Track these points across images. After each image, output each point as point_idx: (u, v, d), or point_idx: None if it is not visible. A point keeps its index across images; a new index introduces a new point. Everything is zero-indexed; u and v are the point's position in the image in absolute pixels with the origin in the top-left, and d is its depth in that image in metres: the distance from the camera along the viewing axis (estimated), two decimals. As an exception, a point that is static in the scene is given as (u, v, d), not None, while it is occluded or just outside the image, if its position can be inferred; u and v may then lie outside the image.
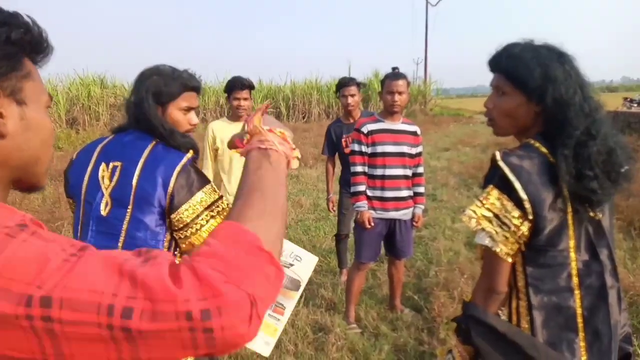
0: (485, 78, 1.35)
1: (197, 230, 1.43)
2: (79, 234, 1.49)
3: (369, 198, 2.99)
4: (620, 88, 64.09)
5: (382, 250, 3.24)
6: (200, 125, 17.47)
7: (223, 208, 1.49)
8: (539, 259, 1.18)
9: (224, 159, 3.17)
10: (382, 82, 3.00)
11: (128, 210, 1.41)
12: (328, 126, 3.88)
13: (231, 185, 3.17)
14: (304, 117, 20.36)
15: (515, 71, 1.21)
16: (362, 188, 2.98)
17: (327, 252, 4.48)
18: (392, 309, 3.29)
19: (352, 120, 3.65)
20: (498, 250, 1.17)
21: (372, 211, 2.98)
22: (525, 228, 1.15)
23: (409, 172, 3.03)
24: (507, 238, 1.16)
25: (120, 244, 1.42)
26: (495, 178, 1.18)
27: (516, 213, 1.14)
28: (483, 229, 1.18)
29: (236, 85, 3.13)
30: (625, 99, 13.06)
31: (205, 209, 1.44)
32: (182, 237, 1.44)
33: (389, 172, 2.96)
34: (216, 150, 3.17)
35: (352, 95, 3.63)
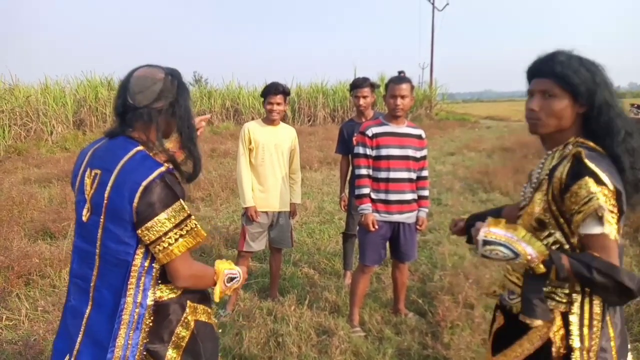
0: (490, 83, 1.42)
1: (164, 248, 1.37)
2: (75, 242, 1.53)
3: (373, 201, 2.99)
4: (628, 94, 63.40)
5: (387, 254, 3.24)
6: (207, 128, 17.50)
7: (192, 228, 1.42)
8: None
9: (257, 157, 3.34)
10: (387, 85, 3.01)
11: (101, 219, 1.40)
12: (341, 125, 3.94)
13: (260, 183, 3.36)
14: (309, 121, 20.37)
15: (567, 76, 1.34)
16: (366, 190, 2.99)
17: (332, 255, 4.48)
18: (396, 312, 3.29)
19: (364, 120, 3.67)
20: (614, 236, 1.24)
21: (376, 214, 2.98)
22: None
23: (413, 176, 3.03)
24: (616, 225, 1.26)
25: (97, 251, 1.42)
26: (586, 173, 1.24)
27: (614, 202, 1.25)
28: (602, 217, 1.22)
29: (270, 90, 3.32)
30: (632, 105, 12.96)
31: (175, 226, 1.38)
32: (153, 252, 1.40)
33: (393, 175, 2.96)
34: (250, 149, 3.35)
35: (365, 97, 3.67)
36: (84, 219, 1.43)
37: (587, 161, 1.25)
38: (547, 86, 1.37)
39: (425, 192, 3.13)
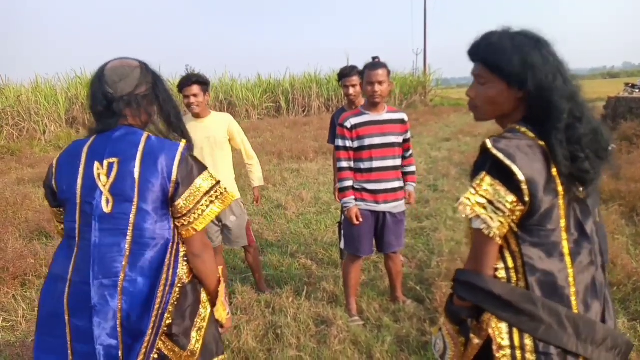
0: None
1: (199, 215, 1.47)
2: (76, 239, 1.45)
3: (359, 191, 2.96)
4: (622, 74, 63.36)
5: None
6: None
7: (221, 193, 1.52)
8: (532, 239, 1.21)
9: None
10: (362, 72, 2.97)
11: (133, 203, 1.41)
12: (332, 115, 3.89)
13: None
14: (303, 111, 20.29)
15: (494, 59, 1.24)
16: (348, 183, 2.95)
17: (328, 245, 4.47)
18: (394, 300, 3.28)
19: (355, 109, 3.63)
20: (492, 234, 1.20)
21: (362, 203, 2.96)
22: (518, 212, 1.18)
23: (398, 162, 3.01)
24: (501, 223, 1.19)
25: (128, 238, 1.41)
26: (487, 165, 1.20)
27: (510, 198, 1.17)
28: (478, 216, 1.20)
29: (183, 82, 3.14)
30: (627, 84, 12.93)
31: (205, 194, 1.48)
32: (185, 223, 1.47)
33: (377, 164, 2.93)
34: None
35: (354, 86, 3.60)
36: (107, 210, 1.41)
37: (491, 148, 1.17)
38: (479, 71, 1.28)
39: (412, 168, 3.13)
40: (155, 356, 1.43)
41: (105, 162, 1.44)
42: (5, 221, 5.26)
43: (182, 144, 1.50)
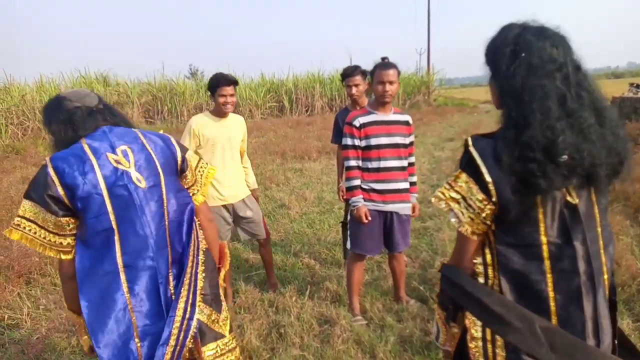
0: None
1: (200, 186, 1.73)
2: (114, 228, 1.48)
3: (367, 191, 2.96)
4: (626, 74, 63.11)
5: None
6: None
7: (204, 167, 1.76)
8: (509, 238, 1.22)
9: (206, 153, 3.19)
10: (372, 72, 2.97)
11: (160, 176, 1.58)
12: (336, 115, 3.88)
13: (214, 179, 3.30)
14: (307, 111, 20.28)
15: (485, 49, 1.29)
16: (357, 182, 2.96)
17: (332, 245, 4.47)
18: (397, 300, 3.28)
19: (359, 108, 3.63)
20: (463, 229, 1.25)
21: (370, 203, 2.96)
22: (488, 211, 1.21)
23: (404, 163, 3.01)
24: (472, 219, 1.23)
25: (165, 209, 1.57)
26: (464, 162, 1.24)
27: (480, 196, 1.20)
28: (452, 210, 1.26)
29: (222, 82, 3.16)
30: (631, 84, 12.87)
31: (195, 168, 1.72)
32: (196, 191, 1.72)
33: (384, 164, 2.93)
34: (197, 145, 3.20)
35: (357, 85, 3.59)
36: (143, 185, 1.53)
37: (471, 146, 1.22)
38: None
39: (414, 179, 3.13)
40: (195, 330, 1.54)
41: (119, 151, 1.54)
42: (10, 219, 5.27)
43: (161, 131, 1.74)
